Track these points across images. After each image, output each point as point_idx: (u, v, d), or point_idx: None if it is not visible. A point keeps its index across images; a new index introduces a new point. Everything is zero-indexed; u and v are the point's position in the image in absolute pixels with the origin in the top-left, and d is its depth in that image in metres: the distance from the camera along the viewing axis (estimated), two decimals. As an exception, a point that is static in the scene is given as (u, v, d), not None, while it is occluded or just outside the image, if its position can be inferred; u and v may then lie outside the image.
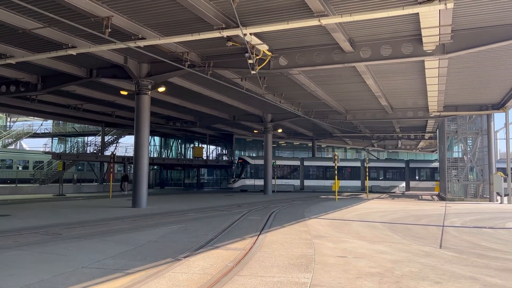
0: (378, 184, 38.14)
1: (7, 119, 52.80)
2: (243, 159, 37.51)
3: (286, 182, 36.93)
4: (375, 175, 38.55)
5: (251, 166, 36.60)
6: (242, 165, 36.93)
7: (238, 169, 37.38)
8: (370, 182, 37.26)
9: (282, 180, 36.72)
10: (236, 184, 36.13)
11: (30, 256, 7.14)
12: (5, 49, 14.92)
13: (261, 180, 34.34)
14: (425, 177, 39.09)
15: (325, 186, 37.23)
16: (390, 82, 20.19)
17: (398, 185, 38.65)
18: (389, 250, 8.18)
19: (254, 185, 35.60)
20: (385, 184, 38.49)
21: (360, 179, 38.47)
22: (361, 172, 38.44)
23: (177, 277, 5.80)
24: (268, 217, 13.92)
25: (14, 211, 15.43)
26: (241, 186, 35.91)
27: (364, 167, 38.15)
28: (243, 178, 36.30)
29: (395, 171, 39.28)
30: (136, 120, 17.88)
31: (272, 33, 13.35)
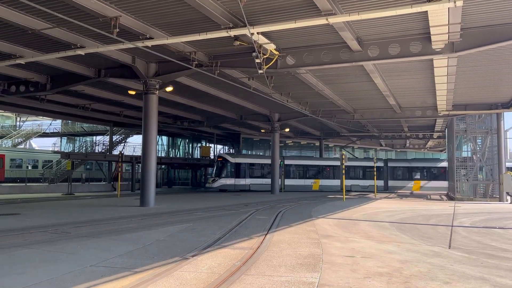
0: (357, 183, 37.81)
1: (17, 119, 53.41)
2: (223, 157, 35.72)
3: (264, 181, 35.02)
4: (353, 174, 38.24)
5: (231, 164, 34.69)
6: (222, 164, 35.05)
7: (218, 168, 35.27)
8: (349, 181, 37.25)
9: (261, 179, 35.44)
10: (215, 184, 34.09)
11: (40, 255, 7.20)
12: (15, 49, 15.07)
13: (242, 179, 33.61)
14: (404, 176, 38.72)
15: (305, 185, 36.67)
16: (399, 81, 20.06)
17: (376, 184, 38.49)
18: (397, 250, 8.12)
19: (235, 185, 33.99)
20: (364, 183, 38.03)
21: (340, 178, 38.15)
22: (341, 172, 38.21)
23: (185, 276, 5.81)
24: (275, 216, 13.91)
25: (24, 210, 15.58)
26: (220, 186, 33.91)
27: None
28: (223, 178, 34.34)
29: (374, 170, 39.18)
30: (144, 120, 17.96)
31: (280, 32, 13.32)
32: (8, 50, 14.94)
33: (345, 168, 36.62)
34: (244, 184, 34.08)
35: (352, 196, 28.91)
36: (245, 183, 34.38)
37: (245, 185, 34.18)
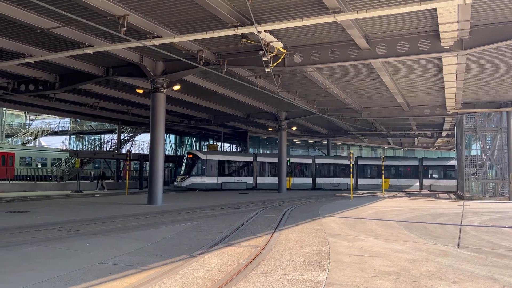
0: (328, 181, 37.56)
1: (27, 117, 53.94)
2: (193, 154, 33.14)
3: (237, 180, 34.07)
4: (325, 172, 37.97)
5: (202, 162, 32.40)
6: (192, 161, 32.55)
7: (187, 165, 32.73)
8: (320, 179, 37.00)
9: (233, 177, 34.17)
10: (185, 182, 31.66)
11: (49, 252, 7.27)
12: (24, 48, 15.20)
13: (213, 177, 32.09)
14: (374, 175, 38.47)
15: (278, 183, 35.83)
16: (407, 79, 19.92)
17: (348, 182, 38.15)
18: (405, 249, 8.07)
19: (206, 183, 32.01)
20: (335, 181, 37.75)
21: (311, 176, 37.72)
22: (312, 169, 37.70)
23: (192, 274, 5.83)
24: (282, 215, 13.90)
25: (33, 207, 15.74)
26: (190, 184, 31.67)
27: (314, 163, 37.58)
28: (193, 176, 31.87)
29: (345, 168, 38.49)
30: (152, 118, 18.03)
31: (287, 30, 13.29)
32: (18, 49, 15.08)
33: (319, 166, 36.64)
34: (216, 183, 32.40)
35: (359, 195, 28.80)
36: (217, 181, 32.65)
37: (216, 183, 32.50)
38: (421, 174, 38.27)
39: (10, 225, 10.53)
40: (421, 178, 38.22)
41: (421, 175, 38.26)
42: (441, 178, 37.83)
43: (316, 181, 37.35)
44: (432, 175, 38.36)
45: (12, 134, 49.32)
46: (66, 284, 5.26)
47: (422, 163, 38.70)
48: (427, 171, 38.28)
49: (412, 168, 38.59)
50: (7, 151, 35.44)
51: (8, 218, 12.21)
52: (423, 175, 38.28)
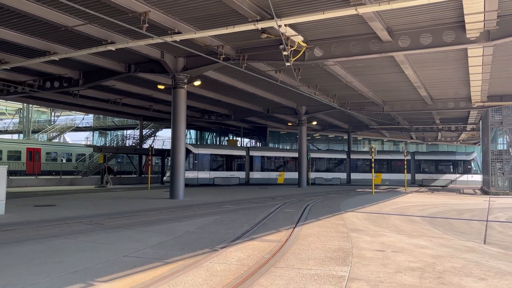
0: (321, 176, 36.95)
1: (52, 114, 55.34)
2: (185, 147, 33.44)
3: (229, 175, 32.70)
4: (318, 166, 37.38)
5: (194, 156, 30.63)
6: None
7: None
8: (314, 174, 36.27)
9: (226, 172, 32.70)
10: None
11: (75, 245, 7.46)
12: (49, 46, 15.55)
13: (206, 172, 30.59)
14: (367, 169, 37.72)
15: (271, 178, 34.97)
16: (430, 71, 19.49)
17: (340, 177, 37.67)
18: (429, 244, 7.94)
19: (198, 178, 30.33)
20: (328, 176, 37.18)
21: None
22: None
23: (214, 267, 5.89)
24: (303, 210, 13.86)
25: (60, 201, 16.16)
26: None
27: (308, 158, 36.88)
28: (185, 170, 32.24)
29: (338, 162, 37.97)
30: (173, 114, 18.22)
31: (307, 24, 13.18)
32: (43, 47, 15.45)
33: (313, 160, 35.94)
34: (208, 178, 30.94)
35: (381, 190, 28.45)
36: (209, 176, 31.19)
37: (208, 178, 31.02)
38: (414, 168, 37.68)
39: (38, 219, 10.85)
40: (413, 172, 37.61)
41: (413, 170, 37.66)
42: (433, 173, 37.34)
43: (310, 176, 36.28)
44: (424, 169, 37.86)
45: (38, 130, 50.70)
46: (93, 276, 5.39)
47: (414, 157, 38.09)
48: (420, 165, 37.73)
49: (403, 162, 38.08)
50: (34, 146, 36.49)
51: (36, 211, 12.57)
52: (416, 170, 37.66)
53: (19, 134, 51.65)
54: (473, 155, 37.50)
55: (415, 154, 39.02)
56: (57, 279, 5.20)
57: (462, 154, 38.16)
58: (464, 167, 36.80)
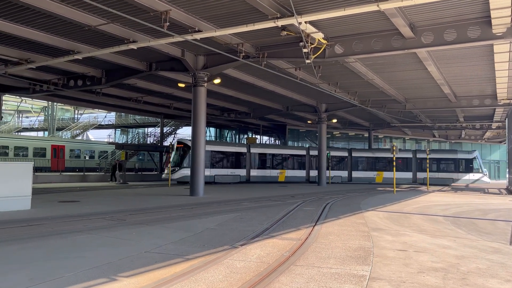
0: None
1: (75, 112, 56.58)
2: (184, 143, 29.24)
3: (230, 172, 31.37)
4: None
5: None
6: (183, 151, 28.94)
7: (178, 156, 29.20)
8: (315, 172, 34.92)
9: (227, 169, 31.50)
10: (174, 175, 28.23)
11: (98, 240, 7.61)
12: (73, 45, 15.89)
13: (207, 170, 28.41)
14: (369, 167, 37.42)
15: (272, 176, 34.06)
16: (454, 68, 19.07)
17: (341, 175, 37.20)
18: (453, 245, 7.77)
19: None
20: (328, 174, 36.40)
21: (306, 169, 36.17)
22: (306, 162, 36.18)
23: (234, 265, 5.91)
24: (323, 208, 13.78)
25: (83, 197, 16.52)
26: (181, 177, 28.08)
27: (309, 156, 35.98)
28: (184, 168, 27.99)
29: (338, 160, 37.26)
30: (193, 112, 18.36)
31: (328, 21, 13.07)
32: (67, 46, 15.79)
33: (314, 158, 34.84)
34: (209, 175, 28.92)
35: (403, 189, 28.02)
36: (210, 174, 29.38)
37: (209, 176, 29.13)
38: (415, 167, 37.01)
39: (62, 214, 11.12)
40: (415, 171, 36.97)
41: (414, 168, 37.00)
42: (435, 171, 36.60)
43: (311, 173, 35.79)
44: (426, 168, 37.23)
45: (62, 128, 51.94)
46: (115, 271, 5.49)
47: (416, 156, 37.38)
48: (421, 164, 37.01)
49: (406, 161, 37.41)
50: (58, 144, 37.40)
51: (60, 207, 12.88)
52: (417, 168, 36.96)
53: (44, 131, 53.04)
54: (474, 154, 37.04)
55: (417, 153, 38.33)
56: (81, 274, 5.31)
57: (464, 153, 37.55)
58: (466, 166, 36.34)
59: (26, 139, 37.67)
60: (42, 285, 4.83)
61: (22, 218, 10.08)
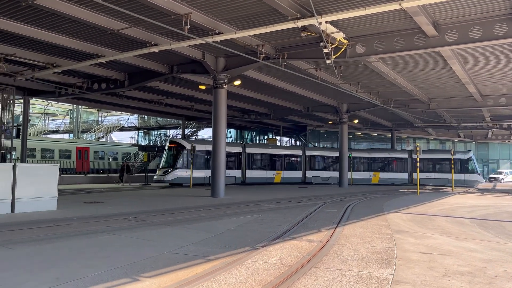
0: (318, 175, 35.24)
1: (99, 114, 57.78)
2: (178, 143, 28.10)
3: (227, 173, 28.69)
4: (315, 165, 35.70)
5: (188, 152, 26.84)
6: (177, 151, 27.56)
7: (171, 156, 27.73)
8: (310, 173, 34.67)
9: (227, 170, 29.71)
10: (168, 176, 26.69)
11: (121, 240, 7.74)
12: (97, 49, 16.23)
13: (201, 171, 27.70)
14: (365, 168, 36.66)
15: (268, 177, 32.61)
16: (480, 67, 18.57)
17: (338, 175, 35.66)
18: (479, 248, 7.57)
19: (192, 178, 26.67)
20: (325, 174, 35.46)
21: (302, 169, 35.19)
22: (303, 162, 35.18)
23: (255, 266, 5.91)
24: (344, 210, 13.63)
25: (107, 198, 16.84)
26: (175, 179, 26.73)
27: (305, 156, 35.03)
28: (178, 169, 26.92)
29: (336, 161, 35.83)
30: (214, 113, 18.47)
31: (349, 20, 12.93)
32: (91, 50, 16.14)
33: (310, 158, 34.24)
34: (203, 177, 27.66)
35: (426, 190, 27.47)
36: (204, 175, 27.74)
37: (204, 177, 27.70)
38: (411, 167, 36.12)
39: (87, 215, 11.36)
40: (411, 171, 36.15)
41: (410, 168, 36.15)
42: (431, 172, 35.91)
43: (306, 174, 34.87)
44: (422, 168, 35.66)
45: (86, 130, 53.14)
46: (138, 271, 5.57)
47: (411, 156, 36.46)
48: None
49: (402, 161, 36.64)
50: (83, 146, 38.27)
51: (85, 208, 13.17)
52: (413, 168, 35.96)
53: (69, 133, 54.37)
54: (469, 154, 36.31)
55: (413, 153, 37.37)
56: (105, 273, 5.41)
57: (459, 153, 36.64)
58: (461, 166, 35.59)
59: (52, 141, 38.70)
60: (68, 284, 4.94)
61: (48, 219, 10.35)
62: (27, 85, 23.19)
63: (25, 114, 26.17)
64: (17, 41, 15.83)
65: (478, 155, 54.29)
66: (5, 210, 11.04)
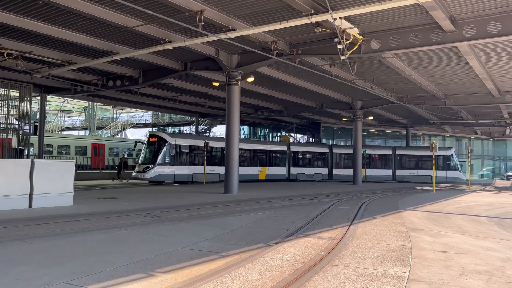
0: (303, 172, 34.35)
1: (114, 111, 58.42)
2: (159, 137, 25.82)
3: (209, 170, 27.11)
4: (300, 161, 34.79)
5: (171, 147, 25.40)
6: (158, 146, 25.44)
7: (151, 151, 25.52)
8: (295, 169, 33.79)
9: (207, 167, 26.71)
10: (149, 173, 24.45)
11: (136, 236, 7.81)
12: (112, 46, 16.38)
13: (184, 167, 25.87)
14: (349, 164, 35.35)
15: (252, 174, 30.86)
16: (498, 62, 18.20)
17: (322, 172, 35.51)
18: (497, 247, 7.43)
19: (175, 175, 25.37)
20: (310, 171, 34.75)
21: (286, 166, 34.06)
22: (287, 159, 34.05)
23: (269, 263, 5.90)
24: (358, 207, 13.53)
25: (121, 194, 17.03)
26: (156, 176, 24.73)
27: (290, 151, 33.91)
28: (159, 165, 24.86)
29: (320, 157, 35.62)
30: (227, 110, 18.49)
31: (363, 16, 12.79)
32: (106, 47, 16.30)
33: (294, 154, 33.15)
34: (186, 174, 26.01)
35: (442, 188, 27.10)
36: (188, 172, 26.13)
37: (187, 175, 26.06)
38: (394, 164, 35.64)
39: (102, 210, 11.50)
40: (394, 168, 35.66)
41: (394, 165, 35.63)
42: (414, 168, 35.54)
43: (291, 171, 33.75)
44: (405, 165, 35.90)
45: (102, 127, 53.77)
46: (152, 266, 5.61)
47: (395, 152, 35.95)
48: (400, 161, 35.82)
49: (386, 158, 36.10)
50: (98, 142, 38.73)
51: (100, 204, 13.34)
52: (396, 165, 35.67)
53: (85, 130, 55.12)
54: (451, 151, 35.96)
55: (396, 149, 36.91)
56: (121, 268, 5.47)
57: (442, 150, 36.14)
58: (444, 163, 35.38)
59: (68, 137, 39.27)
60: (84, 278, 5.01)
61: (65, 214, 10.51)
62: (44, 83, 23.58)
63: (42, 111, 26.59)
64: (34, 39, 16.07)
65: (495, 152, 53.32)
66: (23, 205, 11.25)
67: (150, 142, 25.88)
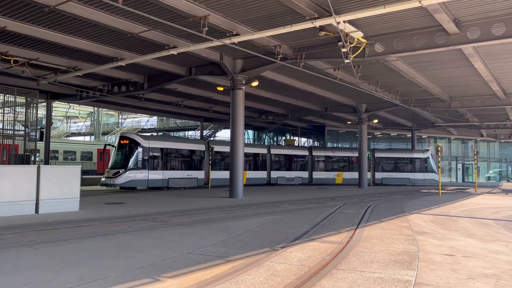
0: (283, 175, 33.27)
1: (119, 117, 58.70)
2: (131, 139, 23.78)
3: (186, 175, 26.13)
4: (280, 164, 33.79)
5: (144, 150, 23.59)
6: (129, 149, 23.40)
7: (122, 155, 23.42)
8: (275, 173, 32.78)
9: (183, 172, 26.03)
10: (119, 179, 22.34)
11: (142, 241, 7.83)
12: (117, 52, 16.50)
13: (159, 172, 24.16)
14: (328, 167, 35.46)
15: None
16: (503, 64, 18.13)
17: (302, 175, 34.98)
18: (505, 250, 7.37)
19: (148, 180, 23.63)
20: (290, 174, 33.87)
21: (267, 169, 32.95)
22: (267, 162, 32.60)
23: (275, 267, 5.90)
24: (364, 211, 13.48)
25: (128, 199, 17.08)
26: (127, 181, 22.64)
27: (270, 154, 32.57)
28: (131, 169, 22.91)
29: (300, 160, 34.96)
30: (232, 115, 18.53)
31: (367, 19, 12.80)
32: (111, 53, 16.42)
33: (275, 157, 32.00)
34: (161, 179, 24.32)
35: (448, 191, 26.93)
36: (162, 177, 24.44)
37: (162, 180, 24.37)
38: (373, 166, 35.18)
39: (108, 215, 11.55)
40: (373, 171, 35.15)
41: (373, 168, 35.14)
42: (392, 171, 35.33)
43: (271, 175, 32.45)
44: (384, 167, 35.60)
45: (107, 132, 54.03)
46: (158, 271, 5.62)
47: (374, 155, 35.54)
48: (379, 163, 35.49)
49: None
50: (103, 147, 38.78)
51: (106, 209, 13.39)
52: (375, 168, 35.29)
53: (91, 136, 55.39)
54: (427, 153, 35.80)
55: (375, 152, 36.45)
56: (127, 274, 5.49)
57: (419, 152, 36.26)
58: (421, 165, 35.32)
59: (74, 143, 39.48)
60: (91, 283, 5.03)
61: (71, 219, 10.56)
62: (50, 89, 23.76)
63: (48, 117, 26.79)
64: (40, 46, 16.23)
65: (502, 154, 52.95)
66: (29, 211, 11.32)
67: (120, 145, 23.75)
